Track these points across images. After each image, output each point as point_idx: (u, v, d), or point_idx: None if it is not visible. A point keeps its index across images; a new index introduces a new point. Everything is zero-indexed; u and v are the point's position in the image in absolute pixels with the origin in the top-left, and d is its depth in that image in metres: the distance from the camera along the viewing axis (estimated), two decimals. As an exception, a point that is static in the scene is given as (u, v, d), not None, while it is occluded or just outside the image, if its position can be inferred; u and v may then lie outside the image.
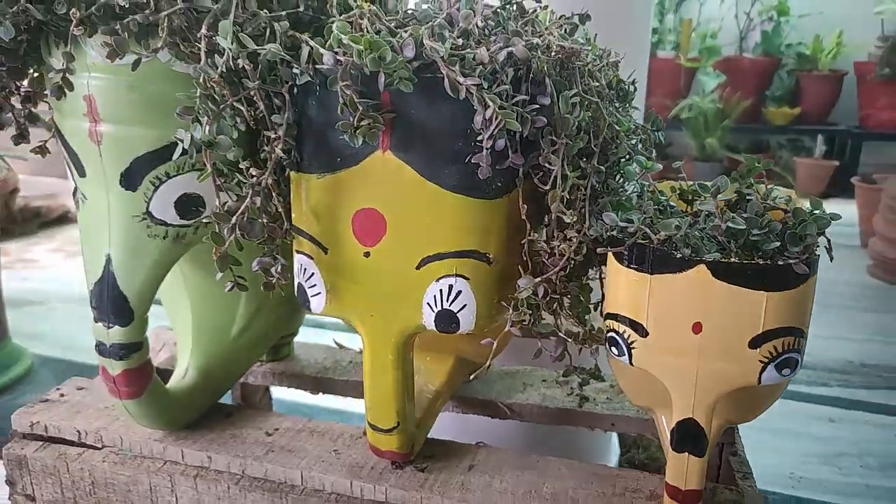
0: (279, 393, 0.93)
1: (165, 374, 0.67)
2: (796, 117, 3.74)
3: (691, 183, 0.60)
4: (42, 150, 0.56)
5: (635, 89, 0.57)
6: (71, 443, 0.63)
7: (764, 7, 3.73)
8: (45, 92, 0.52)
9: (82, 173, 0.51)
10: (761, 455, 1.39)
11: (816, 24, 3.68)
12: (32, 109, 0.53)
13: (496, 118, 0.41)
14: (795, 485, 1.30)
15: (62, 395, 0.67)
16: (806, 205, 0.49)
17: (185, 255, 0.57)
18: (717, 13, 3.78)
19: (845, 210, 3.19)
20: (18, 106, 0.53)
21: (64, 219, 2.90)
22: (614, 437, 1.24)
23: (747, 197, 0.53)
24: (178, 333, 0.65)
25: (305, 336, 0.80)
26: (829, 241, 0.46)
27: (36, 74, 0.52)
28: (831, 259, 0.46)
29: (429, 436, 0.61)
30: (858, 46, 3.62)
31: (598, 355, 0.60)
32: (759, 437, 1.46)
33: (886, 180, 2.47)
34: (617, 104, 0.55)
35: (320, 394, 0.74)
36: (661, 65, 3.80)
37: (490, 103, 0.41)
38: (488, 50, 0.42)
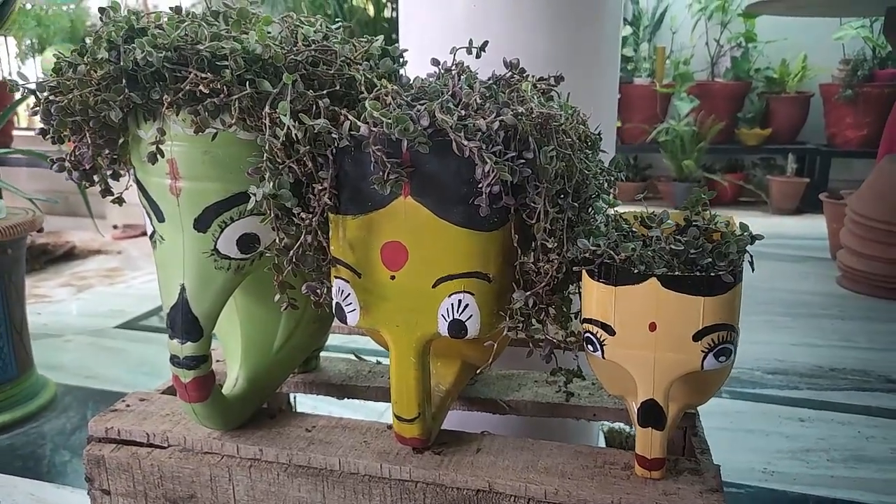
0: (300, 405, 1.05)
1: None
2: (767, 137, 3.94)
3: (651, 211, 0.74)
4: (119, 200, 0.69)
5: (601, 138, 0.70)
6: (140, 444, 0.74)
7: (733, 35, 3.93)
8: (127, 155, 0.65)
9: (161, 219, 0.64)
10: (736, 453, 1.52)
11: (782, 50, 3.90)
12: (117, 169, 0.66)
13: (493, 171, 0.54)
14: (767, 478, 1.43)
15: (128, 406, 0.79)
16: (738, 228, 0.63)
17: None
18: (689, 41, 3.98)
19: (816, 225, 3.37)
20: (106, 166, 0.66)
21: (70, 255, 3.01)
22: (601, 438, 1.37)
23: (693, 223, 0.67)
24: (228, 349, 0.77)
25: (328, 349, 0.92)
26: (751, 256, 0.59)
27: (122, 141, 0.64)
28: (753, 270, 0.59)
29: (442, 429, 0.73)
30: (822, 69, 3.83)
31: (577, 359, 0.74)
32: (733, 437, 1.59)
33: (849, 196, 2.64)
34: (588, 152, 0.69)
35: (345, 398, 0.86)
36: (638, 91, 3.99)
37: (488, 160, 0.54)
38: (485, 119, 0.55)
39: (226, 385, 0.76)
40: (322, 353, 0.92)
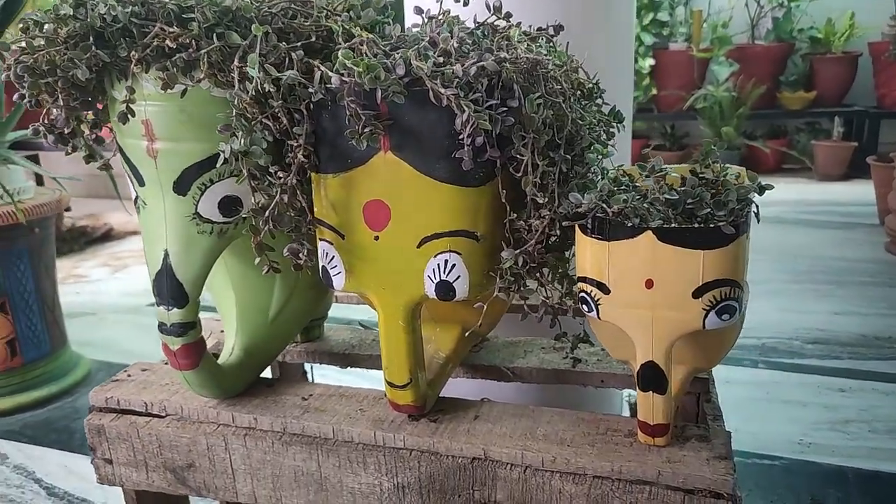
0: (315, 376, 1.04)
1: (213, 356, 0.78)
2: (812, 101, 3.77)
3: (658, 165, 0.69)
4: (106, 166, 0.67)
5: (599, 89, 0.66)
6: (139, 413, 0.74)
7: (774, -6, 3.76)
8: (109, 119, 0.63)
9: (142, 183, 0.62)
10: (771, 424, 1.47)
11: (827, 8, 3.71)
12: (99, 134, 0.65)
13: (471, 120, 0.51)
14: (804, 450, 1.37)
15: (129, 376, 0.79)
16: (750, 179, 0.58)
17: (228, 249, 0.68)
18: (728, 3, 3.83)
19: (864, 190, 3.22)
20: (87, 132, 0.64)
21: (107, 236, 3.07)
22: (626, 408, 1.33)
23: (700, 175, 0.63)
24: (224, 318, 0.76)
25: (332, 318, 0.91)
26: (757, 206, 0.55)
27: (101, 105, 0.63)
28: (758, 221, 0.55)
29: (441, 396, 0.71)
30: (871, 27, 3.64)
31: (584, 324, 0.70)
32: (769, 407, 1.53)
33: (899, 158, 2.51)
34: (584, 102, 0.65)
35: (348, 367, 0.84)
36: (674, 57, 3.86)
37: (465, 108, 0.51)
38: (462, 66, 0.52)
39: (223, 354, 0.75)
40: (327, 323, 0.90)
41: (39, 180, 2.54)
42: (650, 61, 3.80)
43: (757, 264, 2.51)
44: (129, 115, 0.56)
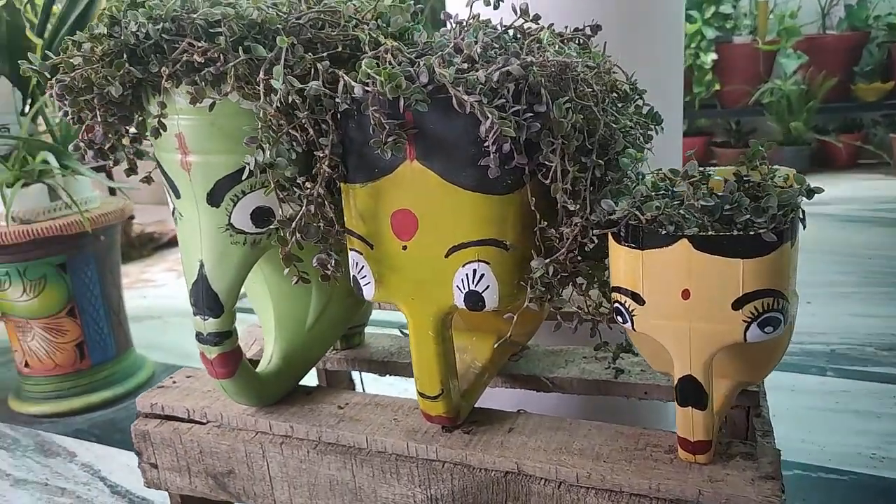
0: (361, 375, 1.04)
1: (256, 363, 0.79)
2: (890, 92, 3.56)
3: (704, 168, 0.66)
4: (147, 179, 0.69)
5: (637, 90, 0.64)
6: (182, 419, 0.76)
7: (847, -19, 3.58)
8: (147, 133, 0.65)
9: (178, 195, 0.64)
10: (840, 436, 1.39)
11: (906, -7, 3.51)
12: (139, 147, 0.66)
13: (494, 127, 0.49)
14: (877, 464, 1.29)
15: (174, 382, 0.81)
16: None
17: (265, 259, 0.69)
18: (796, -8, 3.66)
19: (948, 185, 3.02)
20: (128, 145, 0.66)
21: (174, 242, 3.18)
22: (671, 409, 1.28)
23: (745, 178, 0.59)
24: (263, 326, 0.77)
25: (374, 325, 0.91)
26: (803, 212, 0.51)
27: (140, 119, 0.64)
28: (804, 227, 0.51)
29: (477, 406, 0.69)
30: (956, 11, 3.42)
31: (626, 332, 0.67)
32: (838, 418, 1.45)
33: None
34: (620, 104, 0.62)
35: (387, 375, 0.84)
36: (738, 50, 3.72)
37: (489, 115, 0.50)
38: (486, 72, 0.50)
39: (261, 362, 0.76)
40: (370, 329, 0.90)
41: (113, 190, 2.65)
42: (712, 56, 3.67)
43: (826, 265, 2.39)
44: (162, 130, 0.57)
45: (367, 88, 0.52)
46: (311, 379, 0.93)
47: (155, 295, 2.60)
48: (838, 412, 1.48)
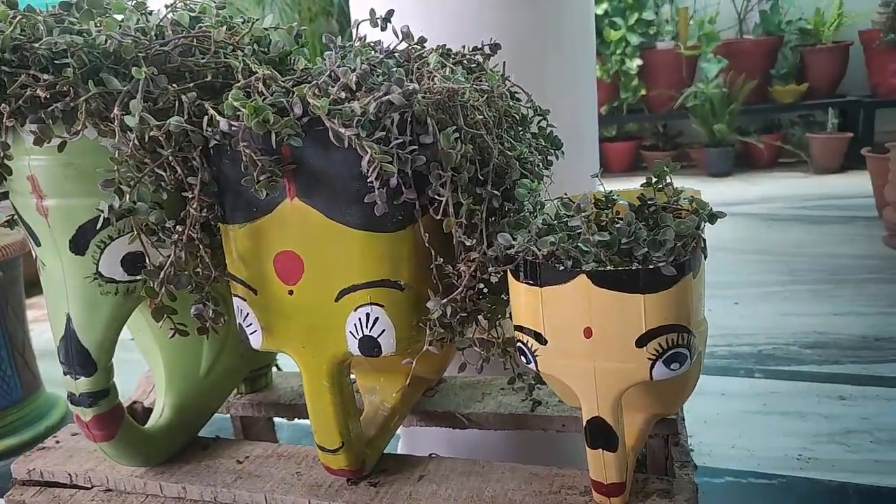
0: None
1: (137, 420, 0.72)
2: (804, 93, 3.71)
3: (607, 191, 0.64)
4: (10, 223, 0.62)
5: (539, 111, 0.61)
6: (64, 485, 0.68)
7: (760, -13, 3.70)
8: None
9: (38, 243, 0.57)
10: (769, 439, 1.40)
11: (815, -2, 3.65)
12: (-4, 190, 0.60)
13: (374, 162, 0.45)
14: (803, 466, 1.31)
15: (57, 442, 0.73)
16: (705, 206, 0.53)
17: (146, 304, 0.62)
18: (713, -2, 3.77)
19: (862, 182, 3.15)
20: (-18, 188, 0.59)
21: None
22: None
23: (649, 201, 0.57)
24: (155, 377, 0.70)
25: (286, 364, 0.85)
26: (704, 241, 0.49)
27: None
28: (705, 257, 0.49)
29: (387, 452, 0.65)
30: (861, 15, 3.57)
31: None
32: (766, 421, 1.47)
33: (894, 149, 2.44)
34: (518, 129, 0.59)
35: (296, 419, 0.79)
36: (662, 56, 3.80)
37: (368, 149, 0.45)
38: (362, 102, 0.46)
39: (152, 415, 0.69)
40: (277, 369, 0.85)
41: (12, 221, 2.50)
42: (637, 61, 3.74)
43: (752, 265, 2.44)
44: (6, 174, 0.51)
45: (233, 123, 0.47)
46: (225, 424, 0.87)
47: (72, 327, 2.45)
48: (766, 414, 1.50)
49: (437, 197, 0.50)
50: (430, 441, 0.89)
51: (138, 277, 0.57)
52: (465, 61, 0.60)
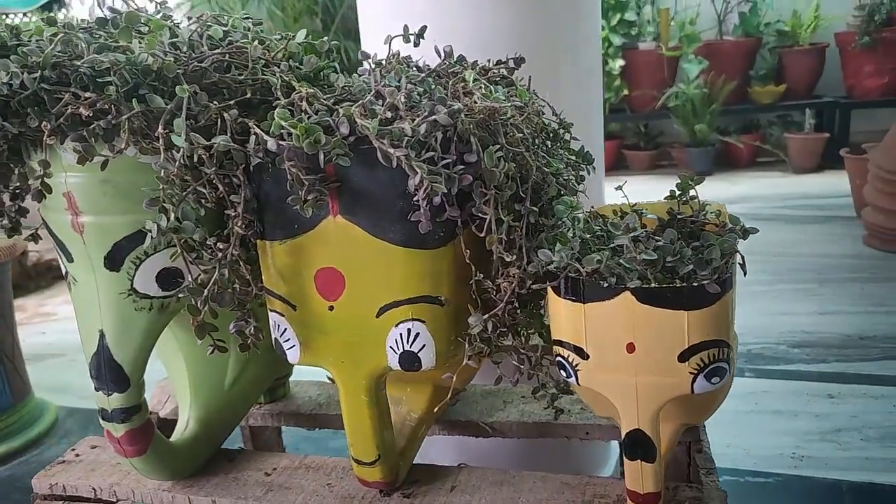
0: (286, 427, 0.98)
1: (172, 423, 0.72)
2: (782, 94, 3.77)
3: (633, 204, 0.65)
4: (34, 237, 0.61)
5: (563, 124, 0.62)
6: (87, 500, 0.68)
7: (739, -11, 3.76)
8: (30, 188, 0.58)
9: (70, 259, 0.57)
10: (763, 438, 1.43)
11: (793, 0, 3.71)
12: (21, 204, 0.59)
13: (424, 183, 0.46)
14: (798, 464, 1.34)
15: (77, 455, 0.73)
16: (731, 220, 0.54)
17: (175, 318, 0.62)
18: (694, 0, 3.81)
19: (839, 182, 3.22)
20: (8, 202, 0.58)
21: (74, 270, 2.98)
22: (613, 445, 1.28)
23: (678, 216, 0.58)
24: (177, 389, 0.70)
25: (300, 373, 0.85)
26: (742, 257, 0.50)
27: (21, 172, 0.57)
28: (745, 274, 0.50)
29: (416, 462, 0.65)
30: (836, 17, 3.64)
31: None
32: (758, 420, 1.50)
33: (872, 150, 2.49)
34: (549, 144, 0.60)
35: (316, 429, 0.79)
36: (644, 56, 3.83)
37: (418, 170, 0.46)
38: (412, 122, 0.47)
39: (177, 428, 0.69)
40: (293, 378, 0.85)
41: None
42: (620, 62, 3.77)
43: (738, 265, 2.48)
44: (46, 192, 0.51)
45: (281, 143, 0.47)
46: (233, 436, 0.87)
47: (56, 330, 2.42)
48: (759, 413, 1.53)
49: (481, 214, 0.50)
50: (451, 446, 0.90)
51: (172, 293, 0.57)
52: (489, 75, 0.61)
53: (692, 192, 0.62)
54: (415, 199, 0.48)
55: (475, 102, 0.50)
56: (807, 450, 1.37)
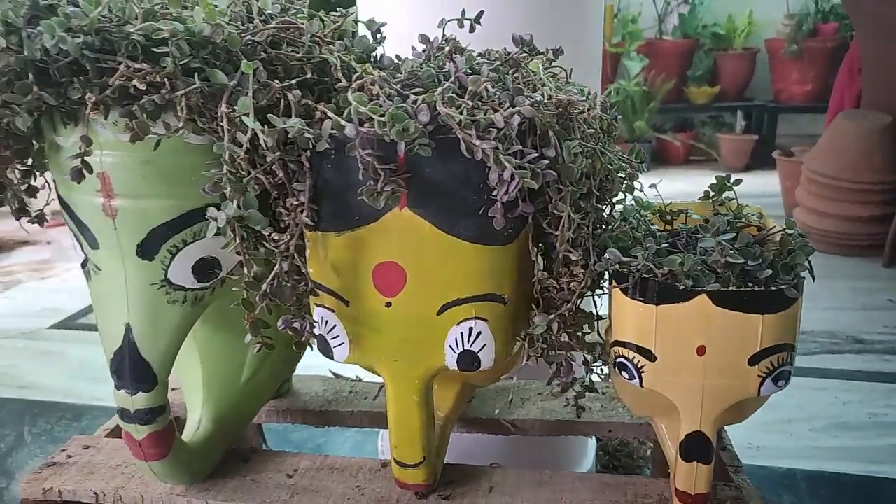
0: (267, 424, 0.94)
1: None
2: (716, 95, 3.91)
3: (668, 203, 0.65)
4: (40, 219, 0.56)
5: (617, 123, 0.61)
6: (88, 506, 0.63)
7: (680, -10, 3.87)
8: (47, 166, 0.52)
9: (94, 245, 0.51)
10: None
11: (729, 5, 3.86)
12: (32, 183, 0.53)
13: (513, 177, 0.44)
14: (754, 454, 1.39)
15: (69, 457, 0.67)
16: (772, 222, 0.55)
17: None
18: (637, -2, 3.90)
19: (768, 182, 3.38)
20: (17, 180, 0.52)
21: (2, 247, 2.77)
22: (591, 444, 1.29)
23: (726, 217, 0.58)
24: (186, 386, 0.65)
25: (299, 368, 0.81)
26: (809, 262, 0.51)
27: (38, 148, 0.51)
28: (813, 279, 0.51)
29: (445, 462, 0.63)
30: (768, 24, 3.81)
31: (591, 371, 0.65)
32: (716, 411, 1.55)
33: (804, 153, 2.63)
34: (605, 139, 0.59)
35: (326, 426, 0.76)
36: (587, 51, 3.89)
37: (507, 164, 0.44)
38: (501, 113, 0.44)
39: (187, 429, 0.64)
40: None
41: None
42: (564, 56, 3.82)
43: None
44: (87, 171, 0.45)
45: (361, 129, 0.44)
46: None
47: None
48: (713, 404, 1.59)
49: (556, 211, 0.49)
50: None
51: (208, 284, 0.53)
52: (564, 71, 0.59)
53: (727, 193, 0.63)
54: (494, 193, 0.46)
55: (551, 94, 0.49)
56: (762, 440, 1.44)
